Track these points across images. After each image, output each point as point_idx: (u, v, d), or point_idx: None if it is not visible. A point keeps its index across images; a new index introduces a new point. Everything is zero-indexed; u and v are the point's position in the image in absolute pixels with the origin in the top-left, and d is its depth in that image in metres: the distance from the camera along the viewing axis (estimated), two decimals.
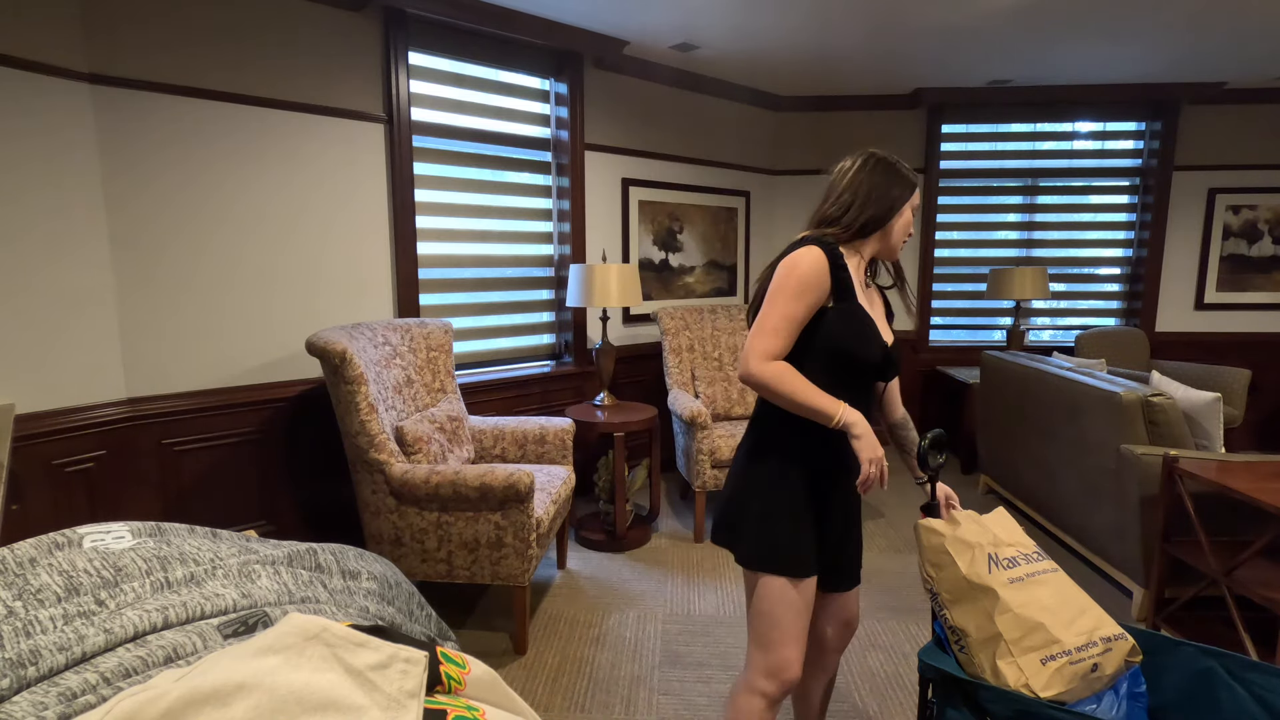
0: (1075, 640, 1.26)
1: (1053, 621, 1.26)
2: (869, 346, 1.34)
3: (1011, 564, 1.33)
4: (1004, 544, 1.37)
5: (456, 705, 0.63)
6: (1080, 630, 1.27)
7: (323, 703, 0.55)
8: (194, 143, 2.43)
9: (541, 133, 3.56)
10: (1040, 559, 1.37)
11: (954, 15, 3.15)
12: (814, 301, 1.31)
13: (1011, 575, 1.32)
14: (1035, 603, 1.28)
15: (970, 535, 1.36)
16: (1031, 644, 1.25)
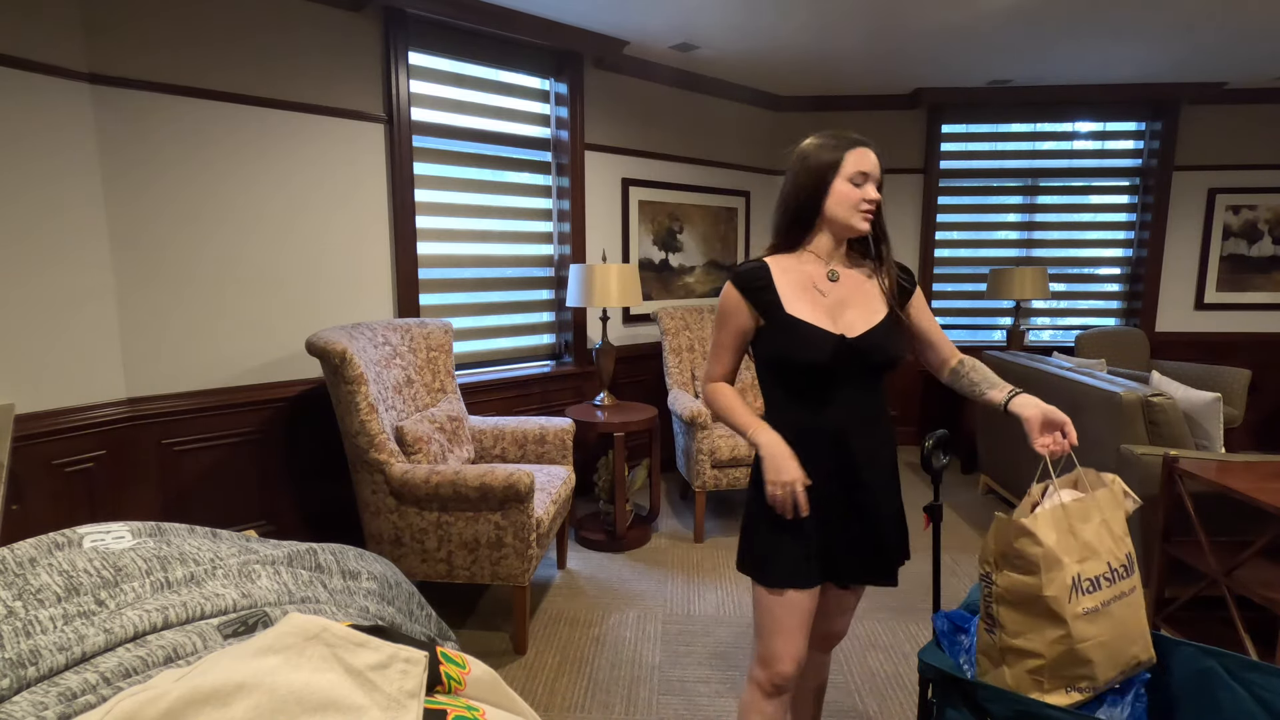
0: (1109, 674, 1.23)
1: (1104, 658, 1.21)
2: (806, 351, 1.31)
3: (1094, 587, 1.22)
4: (1095, 555, 1.24)
5: (456, 705, 0.63)
6: (1121, 663, 1.24)
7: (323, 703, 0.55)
8: (194, 143, 2.43)
9: (541, 133, 3.56)
10: (1127, 574, 1.26)
11: (954, 15, 3.14)
12: (736, 328, 1.39)
13: (1089, 604, 1.21)
14: (1098, 637, 1.21)
15: (1064, 548, 1.22)
16: (1070, 675, 1.21)
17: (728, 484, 3.25)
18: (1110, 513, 1.28)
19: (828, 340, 1.32)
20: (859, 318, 1.36)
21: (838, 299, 1.37)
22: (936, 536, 1.72)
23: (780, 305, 1.35)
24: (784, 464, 1.28)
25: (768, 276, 1.37)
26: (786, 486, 1.27)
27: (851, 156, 1.38)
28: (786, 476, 1.27)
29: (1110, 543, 1.25)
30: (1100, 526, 1.26)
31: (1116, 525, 1.28)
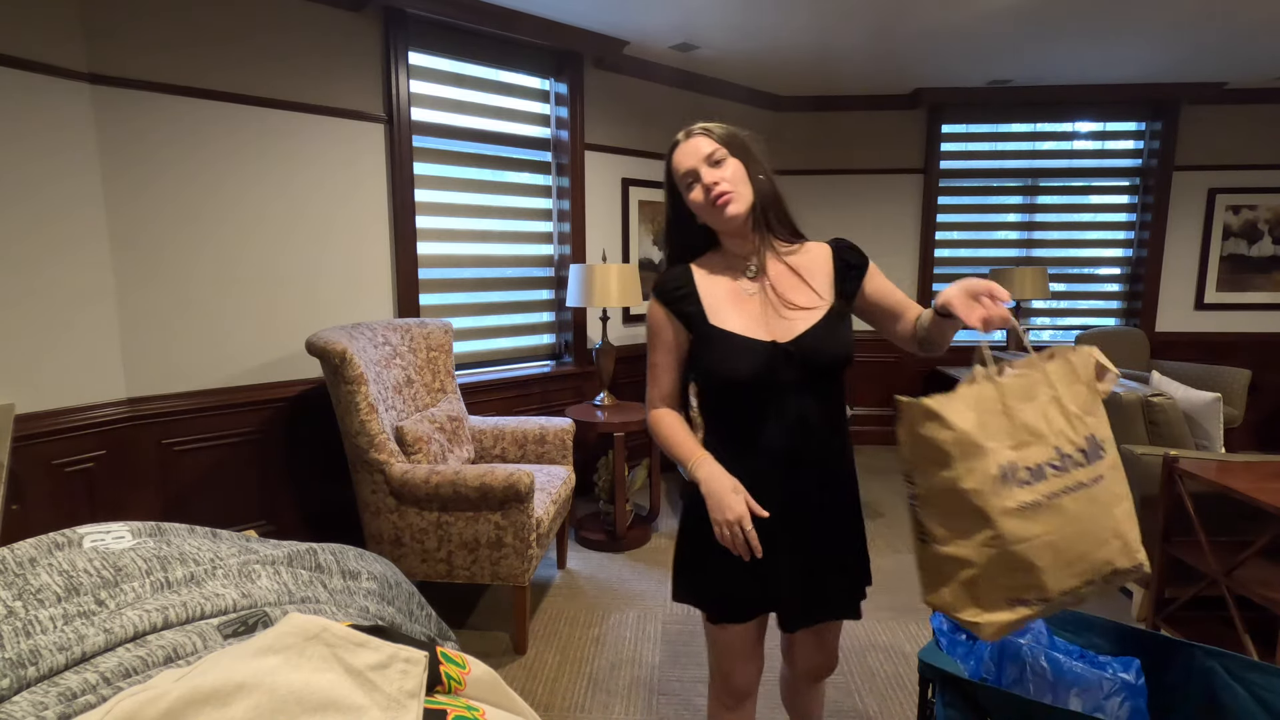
0: (1066, 583, 1.00)
1: (1054, 563, 0.99)
2: (735, 365, 1.17)
3: (1035, 476, 0.99)
4: (1039, 439, 1.01)
5: (456, 705, 0.63)
6: (1083, 570, 1.00)
7: (323, 703, 0.55)
8: (194, 143, 2.43)
9: (541, 133, 3.56)
10: (1087, 460, 1.01)
11: (954, 15, 3.14)
12: (666, 345, 1.25)
13: (1026, 497, 0.99)
14: (1042, 537, 0.98)
15: (989, 431, 1.02)
16: (1010, 585, 1.01)
17: None
18: (1066, 387, 1.04)
19: (758, 350, 1.17)
20: (796, 317, 1.20)
21: (768, 299, 1.21)
22: None
23: (704, 317, 1.21)
24: (726, 499, 1.11)
25: (690, 283, 1.24)
26: (732, 525, 1.11)
27: (676, 160, 1.21)
28: (730, 514, 1.10)
29: (1063, 423, 1.01)
30: (1049, 404, 1.02)
31: (1075, 401, 1.03)
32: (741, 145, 1.20)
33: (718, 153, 1.17)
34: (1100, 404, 1.05)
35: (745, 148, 1.20)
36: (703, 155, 1.17)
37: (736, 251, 1.25)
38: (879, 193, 4.68)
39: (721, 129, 1.20)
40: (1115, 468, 1.03)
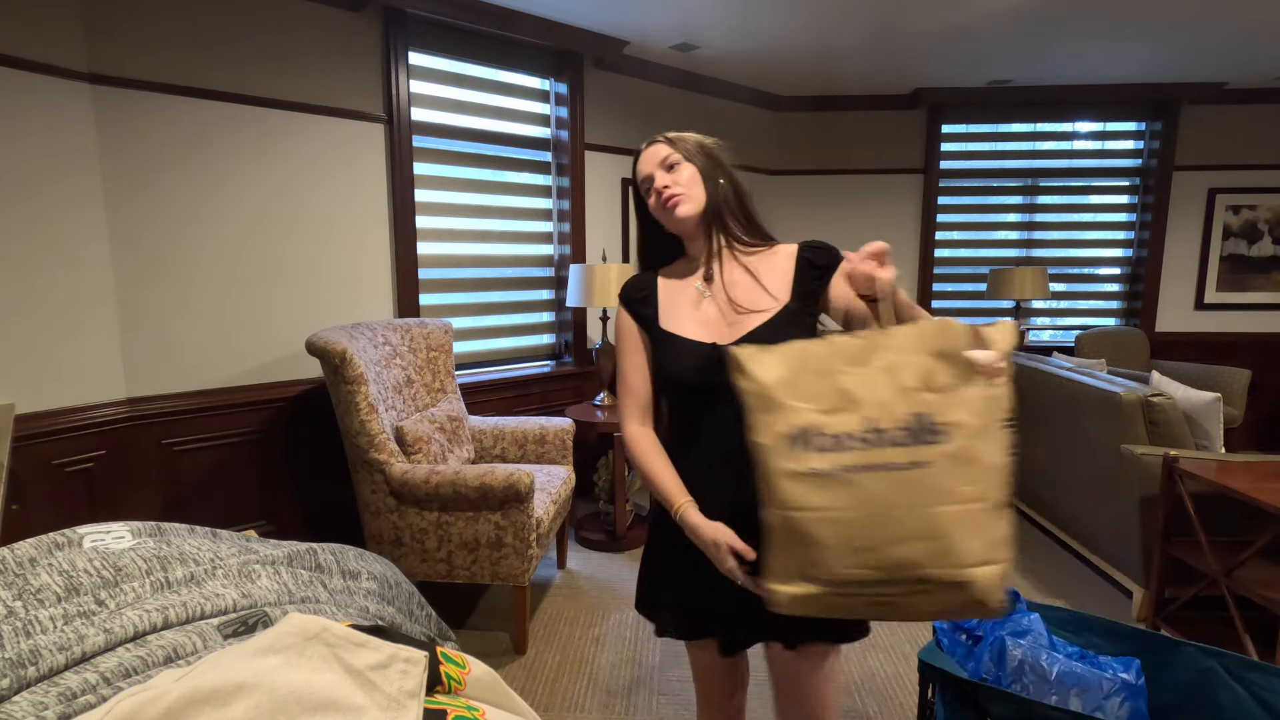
0: (853, 571, 0.90)
1: (839, 543, 0.89)
2: (673, 363, 1.17)
3: (835, 445, 0.90)
4: (854, 406, 0.90)
5: (456, 705, 0.63)
6: (873, 563, 0.88)
7: (323, 703, 0.55)
8: (194, 143, 2.43)
9: (541, 133, 3.56)
10: (912, 440, 0.87)
11: (954, 15, 3.14)
12: (632, 347, 1.24)
13: (818, 464, 0.90)
14: (828, 512, 0.89)
15: (795, 390, 0.93)
16: (796, 557, 0.93)
17: None
18: (913, 356, 0.90)
19: (698, 352, 1.15)
20: (746, 320, 1.17)
21: (724, 301, 1.19)
22: None
23: (656, 319, 1.22)
24: (717, 555, 1.07)
25: (651, 287, 1.26)
26: (732, 574, 1.06)
27: (638, 168, 1.25)
28: (724, 568, 1.06)
29: (889, 394, 0.89)
30: (880, 373, 0.90)
31: (914, 374, 0.90)
32: (699, 151, 1.21)
33: (671, 158, 1.20)
34: (966, 386, 0.88)
35: (704, 154, 1.21)
36: (658, 160, 1.21)
37: (696, 255, 1.25)
38: (879, 193, 4.68)
39: (684, 138, 1.22)
40: (959, 461, 0.86)
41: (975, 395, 0.88)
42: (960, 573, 0.86)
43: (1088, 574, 2.90)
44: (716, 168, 1.21)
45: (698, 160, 1.20)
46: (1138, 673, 1.38)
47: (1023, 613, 1.54)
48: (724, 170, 1.22)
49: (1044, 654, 1.41)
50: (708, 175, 1.20)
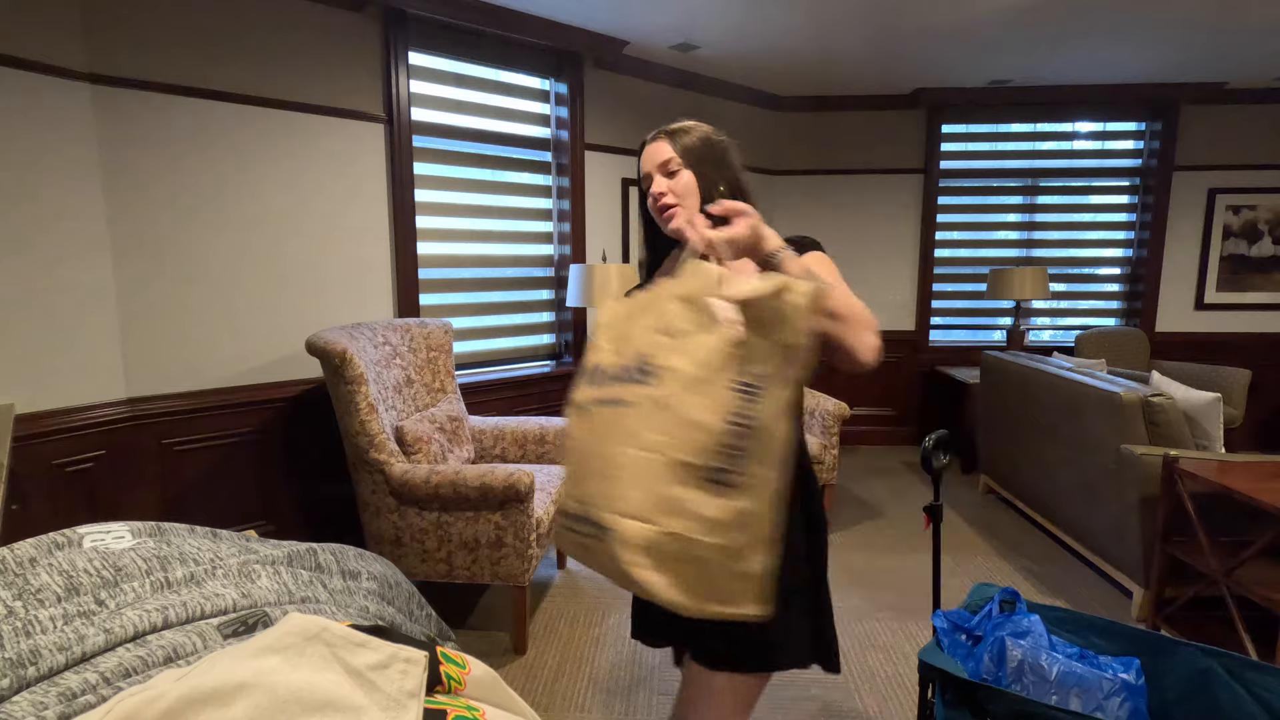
0: (569, 503, 0.90)
1: (573, 470, 0.91)
2: None
3: (598, 380, 0.92)
4: (625, 347, 0.92)
5: (456, 705, 0.63)
6: (581, 497, 0.87)
7: (323, 703, 0.55)
8: (194, 143, 2.43)
9: (541, 133, 3.56)
10: (630, 379, 0.87)
11: (954, 15, 3.15)
12: None
13: (582, 395, 0.93)
14: (575, 442, 0.91)
15: (610, 331, 0.95)
16: (567, 480, 0.94)
17: None
18: (668, 301, 0.92)
19: None
20: None
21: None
22: (936, 536, 1.72)
23: None
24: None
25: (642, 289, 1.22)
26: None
27: (641, 161, 1.20)
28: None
29: (647, 337, 0.90)
30: (650, 314, 0.92)
31: (661, 316, 0.90)
32: (704, 155, 1.14)
33: (673, 162, 1.14)
34: (701, 333, 0.86)
35: (708, 157, 1.14)
36: (658, 162, 1.15)
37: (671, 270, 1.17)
38: (879, 193, 4.68)
39: (688, 134, 1.15)
40: (657, 407, 0.83)
41: (703, 344, 0.84)
42: (606, 515, 0.82)
43: (1088, 574, 2.90)
44: (719, 170, 1.15)
45: (699, 164, 1.14)
46: (1138, 673, 1.38)
47: (1022, 613, 1.54)
48: (728, 173, 1.16)
49: (1044, 654, 1.41)
50: (706, 181, 1.14)
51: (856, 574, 2.93)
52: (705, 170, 1.14)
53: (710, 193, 1.14)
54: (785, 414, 0.84)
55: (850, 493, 3.92)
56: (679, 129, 1.16)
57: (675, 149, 1.15)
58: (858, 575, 2.91)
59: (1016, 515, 3.55)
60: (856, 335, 0.98)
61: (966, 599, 1.63)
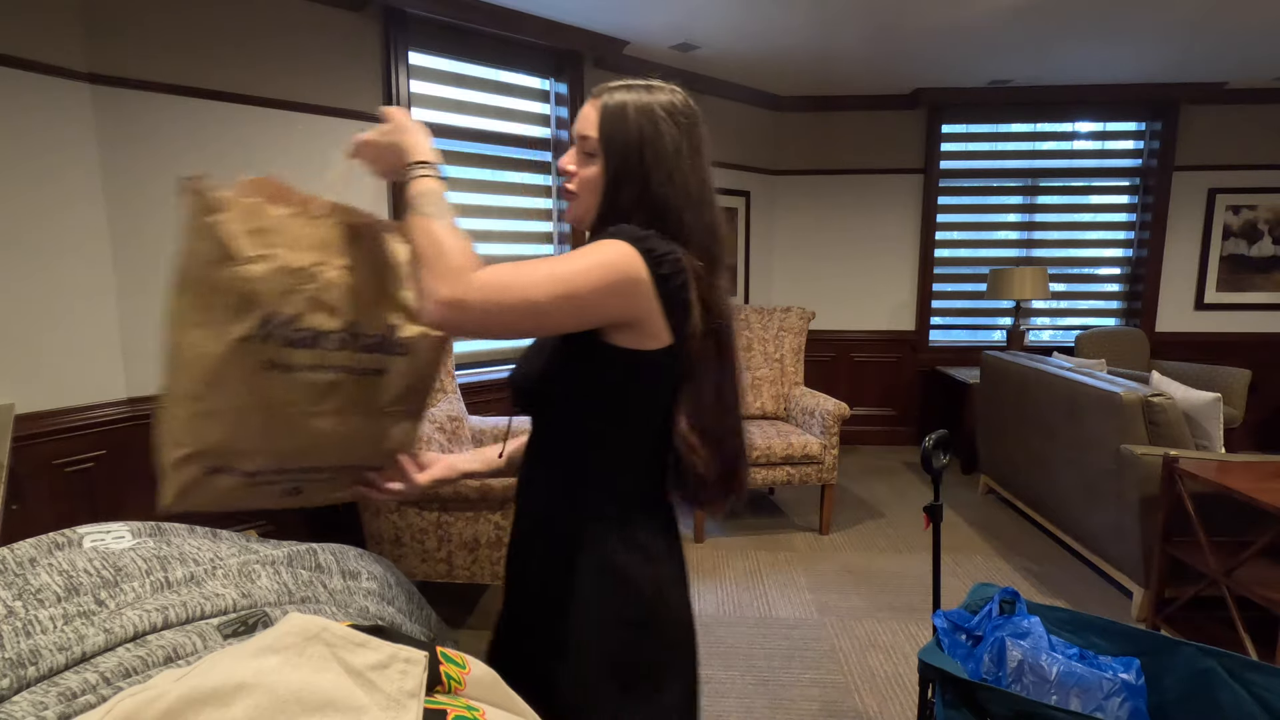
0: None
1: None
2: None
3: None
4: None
5: (456, 705, 0.63)
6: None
7: (323, 703, 0.55)
8: (194, 142, 2.43)
9: (541, 133, 3.56)
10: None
11: (954, 15, 3.14)
12: None
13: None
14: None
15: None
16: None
17: None
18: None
19: (520, 366, 1.03)
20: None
21: None
22: (936, 536, 1.72)
23: None
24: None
25: None
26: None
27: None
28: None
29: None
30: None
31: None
32: (627, 144, 0.89)
33: (590, 144, 0.92)
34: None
35: (630, 148, 0.89)
36: (580, 134, 0.93)
37: None
38: (879, 193, 4.68)
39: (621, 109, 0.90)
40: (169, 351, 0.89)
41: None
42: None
43: (1088, 574, 2.90)
44: (639, 171, 0.89)
45: (620, 158, 0.90)
46: (1138, 673, 1.39)
47: (1022, 614, 1.54)
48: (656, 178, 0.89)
49: (1044, 654, 1.41)
50: (620, 182, 0.90)
51: (856, 574, 2.93)
52: (623, 165, 0.90)
53: (611, 193, 0.91)
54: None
55: (850, 493, 3.92)
56: (617, 102, 0.91)
57: (602, 123, 0.91)
58: (858, 575, 2.91)
59: (1016, 515, 3.56)
60: (422, 278, 0.79)
61: (966, 599, 1.63)
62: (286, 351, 0.84)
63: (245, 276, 0.79)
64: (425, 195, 0.87)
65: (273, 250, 0.82)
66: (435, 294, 0.76)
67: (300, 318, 0.84)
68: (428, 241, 0.80)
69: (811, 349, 4.61)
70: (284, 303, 0.82)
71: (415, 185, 0.88)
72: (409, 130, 0.92)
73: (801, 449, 3.24)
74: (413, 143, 0.92)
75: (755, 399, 3.74)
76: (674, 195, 0.89)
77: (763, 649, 2.35)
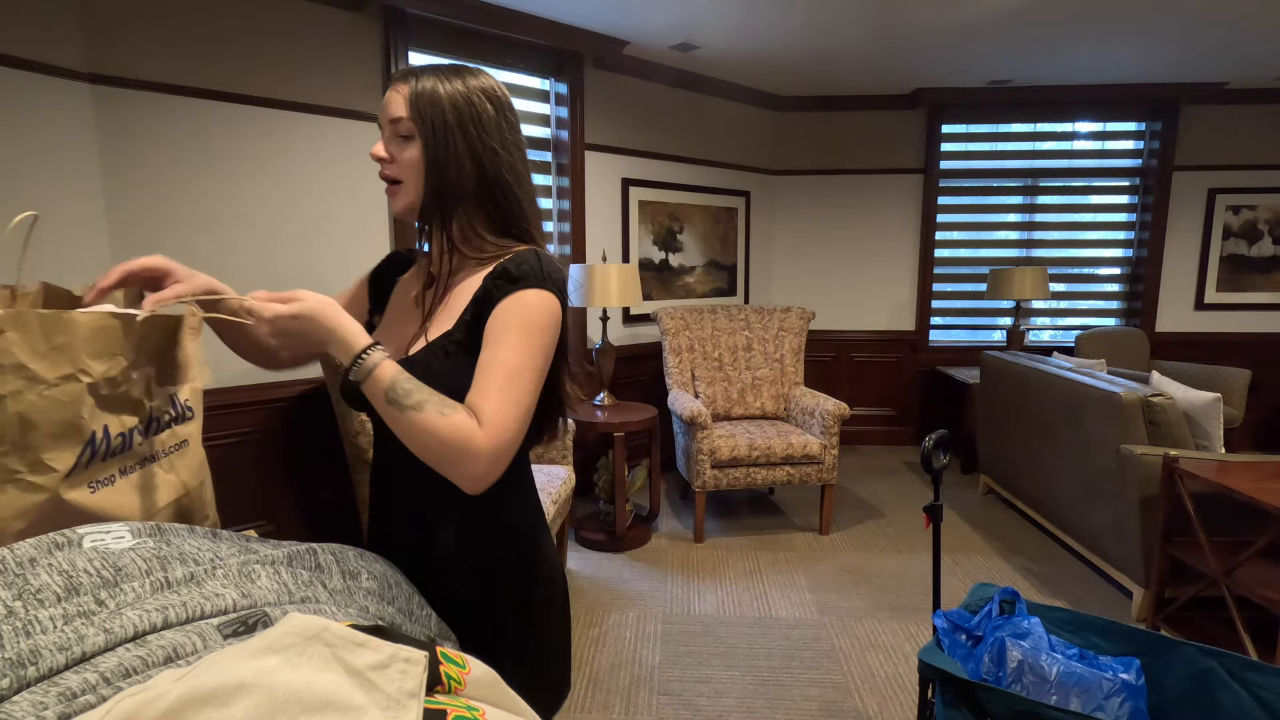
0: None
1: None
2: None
3: None
4: None
5: (456, 705, 0.63)
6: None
7: (323, 703, 0.55)
8: (194, 143, 2.43)
9: (541, 133, 3.56)
10: None
11: (954, 15, 3.14)
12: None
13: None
14: None
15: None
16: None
17: (728, 484, 3.25)
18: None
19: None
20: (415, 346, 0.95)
21: (422, 317, 0.97)
22: (936, 536, 1.72)
23: (370, 320, 1.09)
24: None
25: (395, 274, 1.09)
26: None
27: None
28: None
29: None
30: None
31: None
32: (445, 121, 0.88)
33: (404, 125, 0.89)
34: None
35: (449, 124, 0.88)
36: (389, 116, 0.90)
37: (434, 251, 0.96)
38: (879, 193, 4.68)
39: (432, 94, 0.88)
40: None
41: None
42: None
43: (1088, 574, 2.90)
44: (465, 148, 0.90)
45: (438, 134, 0.88)
46: (1138, 673, 1.39)
47: (1022, 614, 1.54)
48: (480, 147, 0.90)
49: (1044, 654, 1.41)
50: (444, 159, 0.89)
51: (856, 574, 2.93)
52: (442, 141, 0.89)
53: (442, 174, 0.89)
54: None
55: (850, 493, 3.92)
56: (428, 86, 0.89)
57: (410, 106, 0.89)
58: (858, 575, 2.92)
59: (1016, 515, 3.56)
60: (451, 467, 0.83)
61: (966, 599, 1.63)
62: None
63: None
64: (397, 384, 0.81)
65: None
66: (473, 468, 0.81)
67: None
68: (432, 437, 0.81)
69: (811, 349, 4.61)
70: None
71: (377, 378, 0.81)
72: (335, 318, 0.83)
73: (801, 449, 3.24)
74: (350, 332, 0.83)
75: (755, 399, 3.75)
76: (506, 170, 0.92)
77: (763, 649, 2.36)
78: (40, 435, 0.71)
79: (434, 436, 0.80)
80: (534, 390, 0.87)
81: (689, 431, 3.26)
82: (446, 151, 0.89)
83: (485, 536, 0.98)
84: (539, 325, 0.88)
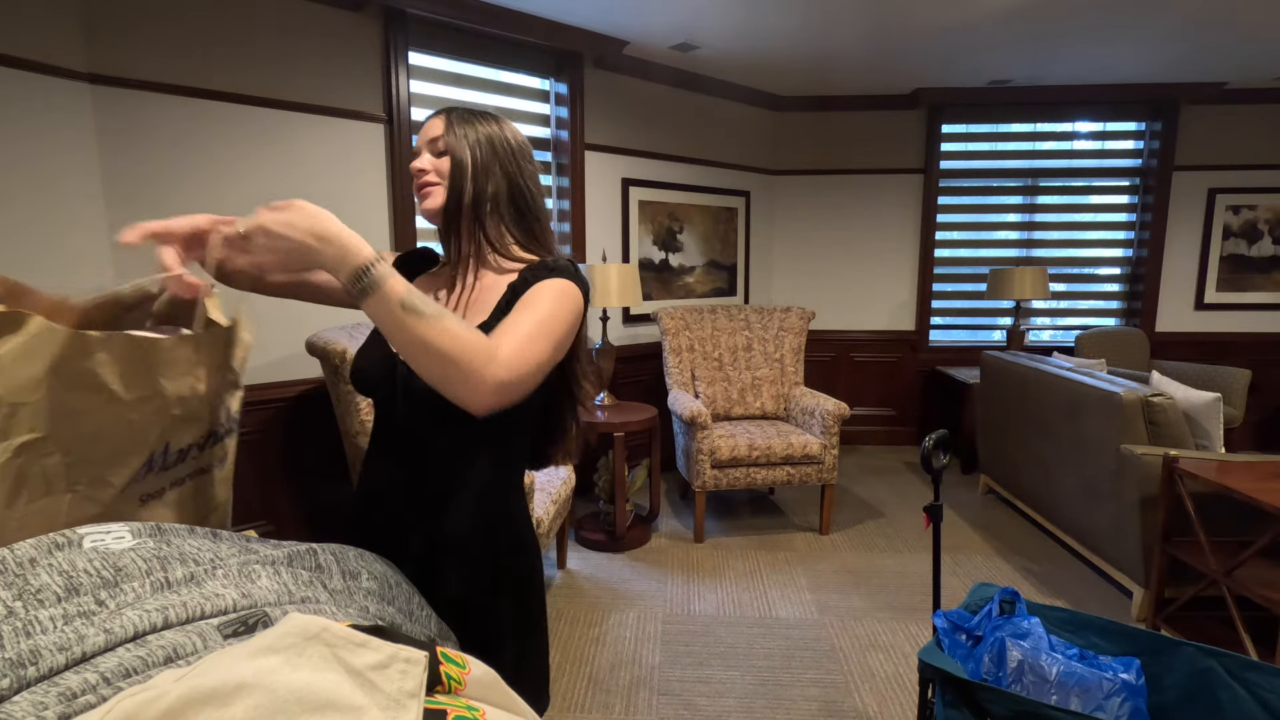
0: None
1: None
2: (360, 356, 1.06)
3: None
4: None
5: (456, 705, 0.63)
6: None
7: (323, 703, 0.55)
8: (194, 143, 2.43)
9: (542, 133, 3.56)
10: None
11: (954, 15, 3.14)
12: None
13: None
14: None
15: None
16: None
17: (728, 484, 3.25)
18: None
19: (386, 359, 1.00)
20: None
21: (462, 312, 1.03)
22: (936, 536, 1.72)
23: None
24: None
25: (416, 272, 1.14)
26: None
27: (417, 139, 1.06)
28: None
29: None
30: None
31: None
32: (479, 139, 1.01)
33: (443, 141, 1.01)
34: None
35: (482, 140, 1.01)
36: (428, 138, 1.02)
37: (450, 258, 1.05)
38: (879, 193, 4.68)
39: (465, 119, 1.02)
40: None
41: None
42: None
43: (1088, 574, 2.90)
44: (495, 164, 1.01)
45: (472, 152, 1.00)
46: (1138, 673, 1.39)
47: (1022, 614, 1.54)
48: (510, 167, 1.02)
49: (1044, 654, 1.41)
50: (479, 167, 1.00)
51: (856, 574, 2.93)
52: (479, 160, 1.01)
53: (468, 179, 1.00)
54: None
55: (850, 493, 3.92)
56: (463, 114, 1.03)
57: (449, 130, 1.01)
58: (858, 575, 2.92)
59: (1016, 515, 3.56)
60: (462, 374, 0.80)
61: (966, 599, 1.63)
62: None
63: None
64: (412, 295, 0.80)
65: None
66: (485, 384, 0.80)
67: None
68: (454, 342, 0.79)
69: (811, 349, 4.61)
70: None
71: (390, 288, 0.80)
72: (334, 228, 0.84)
73: (801, 449, 3.24)
74: (353, 243, 0.84)
75: (755, 399, 3.75)
76: (530, 187, 1.04)
77: (763, 649, 2.36)
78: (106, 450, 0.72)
79: (456, 340, 0.78)
80: (551, 353, 0.89)
81: (689, 431, 3.26)
82: (480, 161, 1.00)
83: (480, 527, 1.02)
84: (568, 307, 0.94)
